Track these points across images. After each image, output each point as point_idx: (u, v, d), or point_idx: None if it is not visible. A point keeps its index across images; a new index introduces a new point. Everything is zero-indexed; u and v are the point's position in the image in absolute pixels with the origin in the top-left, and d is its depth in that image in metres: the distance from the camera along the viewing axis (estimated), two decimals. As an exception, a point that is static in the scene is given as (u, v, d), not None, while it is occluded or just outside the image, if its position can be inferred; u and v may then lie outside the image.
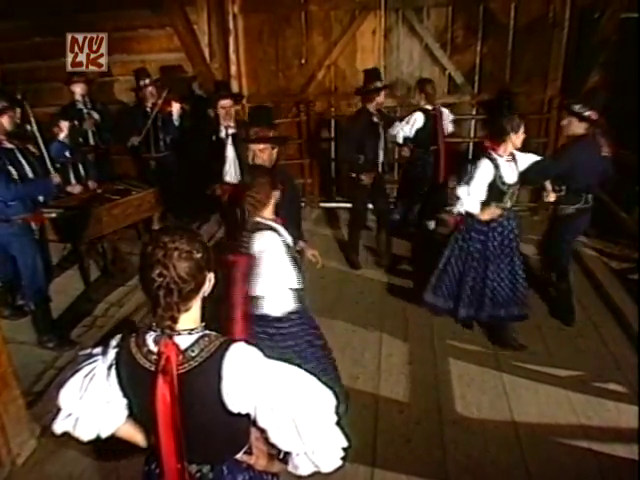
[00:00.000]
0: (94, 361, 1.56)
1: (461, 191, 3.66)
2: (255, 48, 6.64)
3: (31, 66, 6.43)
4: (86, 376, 1.54)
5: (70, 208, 4.60)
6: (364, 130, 4.91)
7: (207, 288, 1.51)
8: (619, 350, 3.86)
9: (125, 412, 1.61)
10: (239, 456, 1.62)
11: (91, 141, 5.66)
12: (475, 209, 3.65)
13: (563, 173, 3.82)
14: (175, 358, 1.41)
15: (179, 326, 1.44)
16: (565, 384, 3.52)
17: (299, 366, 1.51)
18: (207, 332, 1.49)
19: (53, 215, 4.37)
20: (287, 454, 1.56)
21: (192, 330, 1.46)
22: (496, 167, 3.57)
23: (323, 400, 1.47)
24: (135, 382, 1.49)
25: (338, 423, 1.50)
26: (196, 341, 1.45)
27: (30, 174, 3.82)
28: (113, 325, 4.38)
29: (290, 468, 1.57)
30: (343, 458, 1.52)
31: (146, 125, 5.60)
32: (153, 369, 1.42)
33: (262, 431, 1.52)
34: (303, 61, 6.64)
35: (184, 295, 1.41)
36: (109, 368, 1.51)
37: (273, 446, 1.53)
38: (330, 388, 1.50)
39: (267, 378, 1.43)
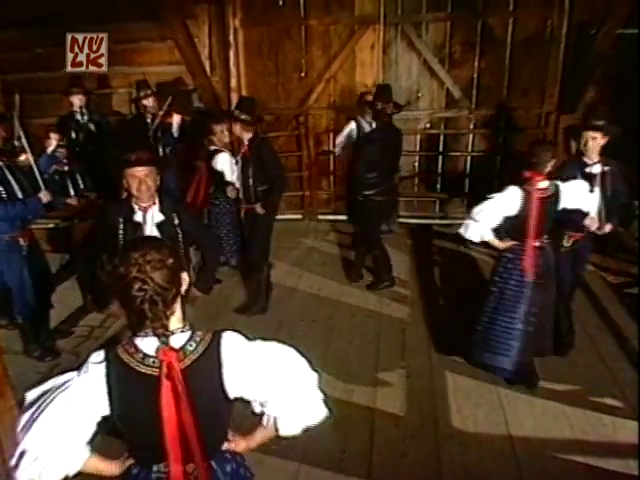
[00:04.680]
0: (64, 389, 1.50)
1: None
2: (255, 61, 6.69)
3: (32, 77, 6.47)
4: (55, 410, 1.48)
5: (67, 218, 4.60)
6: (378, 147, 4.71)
7: (184, 286, 1.57)
8: (616, 365, 3.86)
9: (88, 448, 1.56)
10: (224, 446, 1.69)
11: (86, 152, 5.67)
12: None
13: None
14: (176, 362, 1.46)
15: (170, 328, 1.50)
16: (561, 398, 3.51)
17: None
18: (194, 329, 1.57)
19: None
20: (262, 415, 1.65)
21: (182, 328, 1.53)
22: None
23: (304, 366, 1.63)
24: (131, 391, 1.49)
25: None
26: (190, 337, 1.54)
27: (18, 192, 3.72)
28: (109, 336, 4.37)
29: (270, 430, 1.66)
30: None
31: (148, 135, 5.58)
32: (152, 373, 1.46)
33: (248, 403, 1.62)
34: (303, 75, 6.68)
35: (168, 302, 1.46)
36: (93, 386, 1.48)
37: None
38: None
39: (259, 356, 1.55)
